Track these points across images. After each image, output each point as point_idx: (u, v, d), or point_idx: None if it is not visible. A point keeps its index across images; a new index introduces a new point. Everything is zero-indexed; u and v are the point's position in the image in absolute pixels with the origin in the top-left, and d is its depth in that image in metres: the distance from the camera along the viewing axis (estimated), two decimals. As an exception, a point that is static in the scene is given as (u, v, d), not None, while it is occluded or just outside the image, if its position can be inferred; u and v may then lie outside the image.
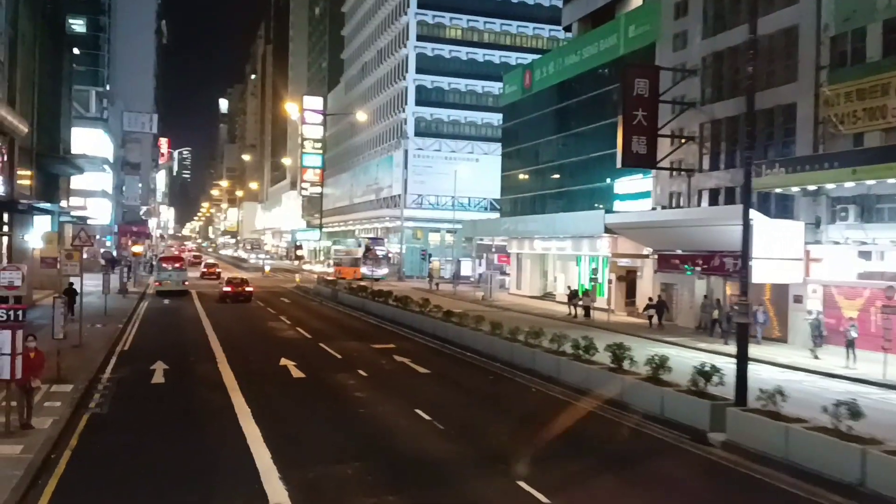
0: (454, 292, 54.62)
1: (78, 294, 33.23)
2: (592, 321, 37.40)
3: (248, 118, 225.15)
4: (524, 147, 55.07)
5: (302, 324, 31.66)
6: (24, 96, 33.21)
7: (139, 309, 36.89)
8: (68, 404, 14.79)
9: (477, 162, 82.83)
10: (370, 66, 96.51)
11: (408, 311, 30.83)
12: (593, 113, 46.48)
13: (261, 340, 26.85)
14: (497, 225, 55.41)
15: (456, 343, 24.84)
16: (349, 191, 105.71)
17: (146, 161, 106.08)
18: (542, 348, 19.52)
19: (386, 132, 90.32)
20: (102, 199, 76.16)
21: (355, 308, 38.25)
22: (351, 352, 23.88)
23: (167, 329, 29.63)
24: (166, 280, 46.91)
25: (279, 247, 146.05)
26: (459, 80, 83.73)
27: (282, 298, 46.40)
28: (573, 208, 47.38)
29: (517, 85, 56.41)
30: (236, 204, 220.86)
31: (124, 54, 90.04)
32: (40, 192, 39.55)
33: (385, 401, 16.72)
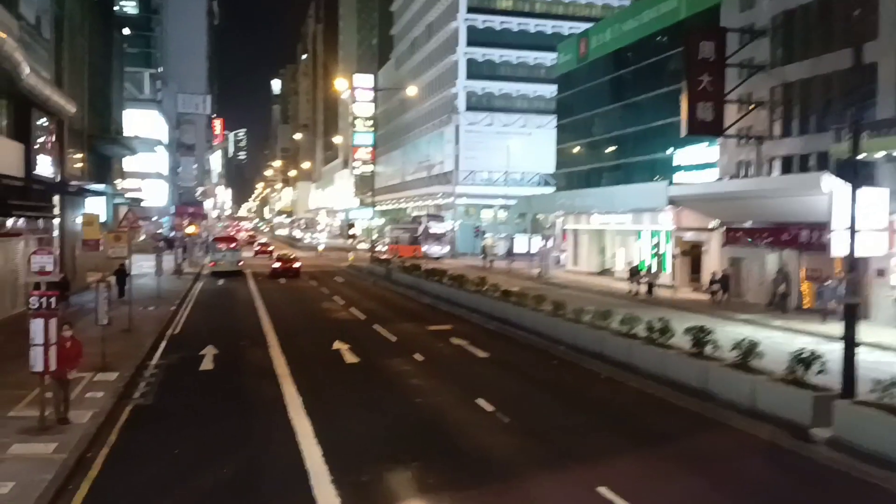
0: (509, 269, 53.25)
1: (128, 275, 33.26)
2: (656, 298, 35.67)
3: (300, 98, 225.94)
4: (579, 118, 53.09)
5: (355, 304, 30.81)
6: (73, 77, 32.89)
7: (193, 290, 36.60)
8: (111, 395, 14.06)
9: (529, 136, 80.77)
10: (420, 40, 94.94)
11: (463, 290, 29.65)
12: (653, 81, 44.31)
13: (313, 322, 26.05)
14: (552, 200, 53.68)
15: (515, 324, 23.57)
16: (401, 168, 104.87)
17: (201, 142, 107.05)
18: (610, 331, 18.08)
19: (436, 108, 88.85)
20: (158, 180, 76.85)
21: (409, 287, 37.27)
22: (406, 334, 22.85)
23: (219, 311, 29.10)
24: (220, 260, 46.71)
25: (332, 226, 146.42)
26: (511, 52, 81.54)
27: (335, 278, 45.76)
28: (631, 181, 45.47)
29: (572, 54, 54.33)
30: (290, 184, 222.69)
31: (176, 36, 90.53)
32: (93, 173, 39.49)
33: (443, 389, 15.61)
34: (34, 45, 25.60)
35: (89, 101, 37.07)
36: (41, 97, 24.35)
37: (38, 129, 25.47)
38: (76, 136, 34.18)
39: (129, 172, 71.03)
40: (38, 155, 25.22)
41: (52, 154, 27.20)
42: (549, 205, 52.99)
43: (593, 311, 19.64)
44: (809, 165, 31.81)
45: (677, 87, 41.59)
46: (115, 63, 44.29)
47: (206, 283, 42.04)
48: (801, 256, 30.79)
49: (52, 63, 28.73)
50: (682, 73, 40.30)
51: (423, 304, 31.42)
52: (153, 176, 75.49)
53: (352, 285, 41.05)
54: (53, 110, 26.73)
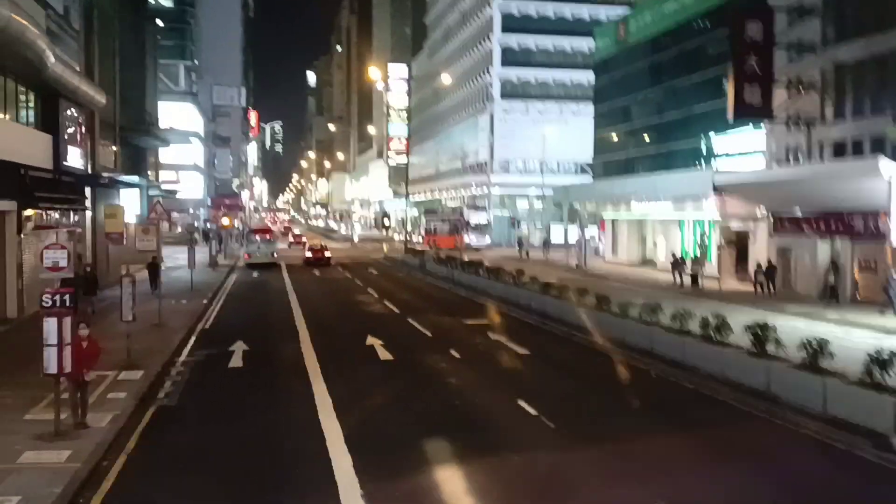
0: (546, 260, 52.10)
1: (161, 269, 32.87)
2: (701, 290, 34.33)
3: (334, 90, 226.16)
4: (618, 105, 51.62)
5: (390, 296, 30.03)
6: (103, 68, 32.52)
7: (226, 283, 36.18)
8: (134, 395, 13.40)
9: (566, 124, 79.19)
10: (454, 28, 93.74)
11: (500, 282, 28.65)
12: (695, 65, 42.79)
13: (347, 316, 25.32)
14: (591, 189, 52.33)
15: (556, 318, 22.52)
16: (434, 159, 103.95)
17: (236, 134, 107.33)
18: (661, 327, 16.96)
19: (471, 96, 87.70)
20: (194, 172, 77.06)
21: (444, 279, 36.40)
22: (441, 328, 21.97)
23: (252, 304, 28.54)
24: (255, 252, 46.37)
25: (367, 216, 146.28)
26: (547, 38, 79.99)
27: (369, 269, 45.10)
28: (671, 169, 44.08)
29: (610, 39, 52.82)
30: (325, 175, 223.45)
31: (211, 28, 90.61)
32: (127, 166, 39.27)
33: (482, 388, 14.69)
34: (62, 36, 25.19)
35: (121, 93, 36.75)
36: (69, 87, 23.91)
37: (67, 121, 25.08)
38: (108, 127, 33.88)
39: (164, 164, 71.34)
40: (68, 146, 24.83)
41: (83, 146, 26.82)
42: (587, 194, 51.58)
43: (640, 304, 18.52)
44: (864, 150, 30.22)
45: (721, 70, 40.07)
46: (149, 55, 44.01)
47: (240, 275, 41.66)
48: (854, 246, 29.25)
49: (82, 54, 28.36)
50: (726, 57, 38.76)
51: (458, 297, 30.52)
52: (189, 168, 75.69)
53: (386, 277, 40.33)
54: (83, 101, 26.32)
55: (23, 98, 22.23)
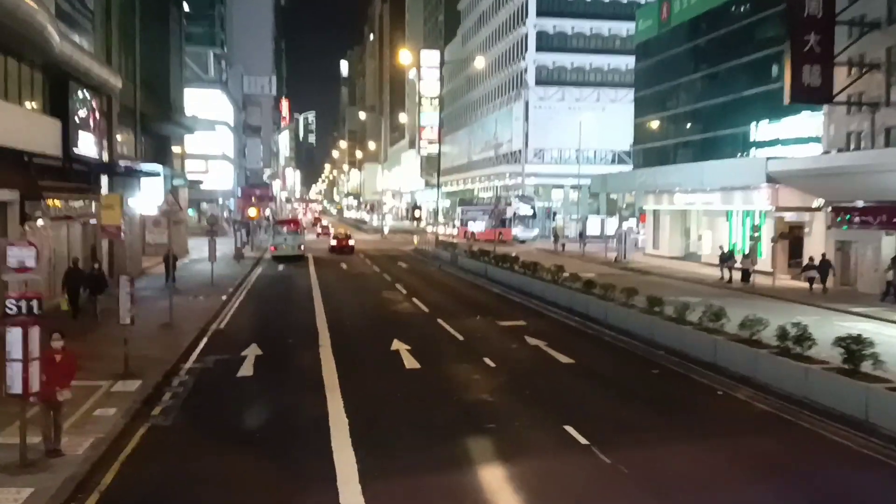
0: (582, 254, 49.93)
1: (177, 260, 31.46)
2: (752, 287, 32.05)
3: (366, 80, 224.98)
4: (660, 90, 49.14)
5: (419, 294, 28.24)
6: (123, 52, 31.16)
7: (249, 277, 34.70)
8: (125, 412, 11.77)
9: (603, 111, 76.65)
10: (487, 13, 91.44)
11: (537, 279, 26.67)
12: (745, 45, 40.24)
13: (372, 315, 23.59)
14: (631, 178, 49.97)
15: (600, 321, 20.52)
16: (467, 148, 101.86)
17: (267, 124, 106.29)
18: (726, 335, 14.88)
19: (505, 83, 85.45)
20: (223, 162, 75.97)
21: (477, 275, 34.50)
22: (474, 331, 20.11)
23: (273, 302, 26.95)
24: (281, 244, 44.91)
25: (399, 207, 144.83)
26: (584, 22, 77.44)
27: (399, 263, 43.39)
28: (717, 157, 41.66)
29: (652, 20, 50.30)
30: (357, 166, 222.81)
31: (242, 16, 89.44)
32: (150, 154, 38.00)
33: (521, 408, 12.77)
34: (74, 16, 23.74)
35: (144, 79, 35.38)
36: (80, 69, 22.42)
37: (78, 105, 23.63)
38: (128, 114, 32.51)
39: (192, 154, 70.29)
40: (79, 132, 23.37)
41: (97, 132, 25.38)
42: (627, 183, 49.38)
43: (699, 307, 16.43)
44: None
45: (771, 52, 37.60)
46: (174, 40, 42.64)
47: (265, 268, 40.24)
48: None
49: (98, 36, 26.92)
50: (777, 37, 36.38)
51: (492, 294, 28.59)
52: (218, 158, 74.60)
53: (416, 271, 38.56)
54: (97, 84, 24.86)
55: (27, 80, 20.78)
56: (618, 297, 20.21)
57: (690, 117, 45.57)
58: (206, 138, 72.48)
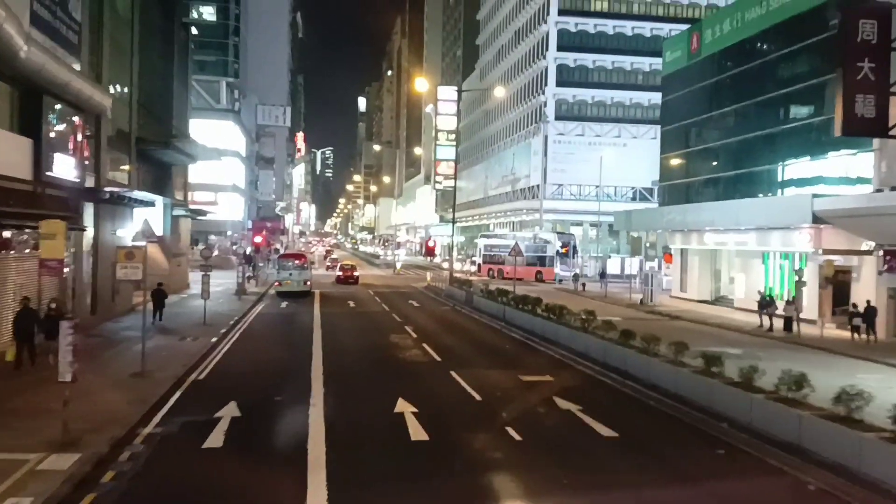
0: (604, 295, 47.04)
1: (166, 296, 28.95)
2: (796, 336, 29.07)
3: (384, 115, 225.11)
4: (689, 123, 46.52)
5: (430, 338, 25.43)
6: (117, 71, 29.02)
7: (248, 316, 32.05)
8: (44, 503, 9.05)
9: (624, 147, 74.42)
10: (507, 48, 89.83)
11: (563, 325, 23.78)
12: (784, 76, 37.64)
13: (377, 364, 20.78)
14: (657, 215, 47.10)
15: (641, 380, 17.56)
16: (483, 183, 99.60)
17: (281, 156, 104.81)
18: (814, 410, 11.87)
19: (523, 118, 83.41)
20: (233, 193, 74.05)
21: (494, 317, 31.63)
22: (493, 389, 17.24)
23: (268, 345, 24.22)
24: (286, 280, 42.36)
25: (413, 242, 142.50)
26: (605, 56, 75.47)
27: (410, 301, 40.64)
28: (750, 194, 38.90)
29: (681, 51, 47.90)
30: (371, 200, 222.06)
31: (258, 47, 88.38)
32: (149, 182, 35.80)
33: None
34: (55, 24, 21.53)
35: (141, 101, 33.32)
36: (56, 83, 20.13)
37: (55, 123, 21.33)
38: (122, 138, 30.33)
39: (200, 185, 68.41)
40: (54, 153, 21.01)
41: (78, 154, 23.04)
42: (653, 221, 46.52)
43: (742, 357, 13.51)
44: None
45: (815, 82, 35.04)
46: (179, 64, 40.71)
47: (267, 305, 37.64)
48: None
49: (86, 51, 24.74)
50: (819, 67, 33.91)
51: (512, 341, 25.71)
52: (228, 189, 72.75)
53: (427, 311, 35.78)
54: (80, 102, 22.59)
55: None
56: (663, 353, 17.29)
57: (722, 153, 42.88)
58: (216, 168, 70.73)
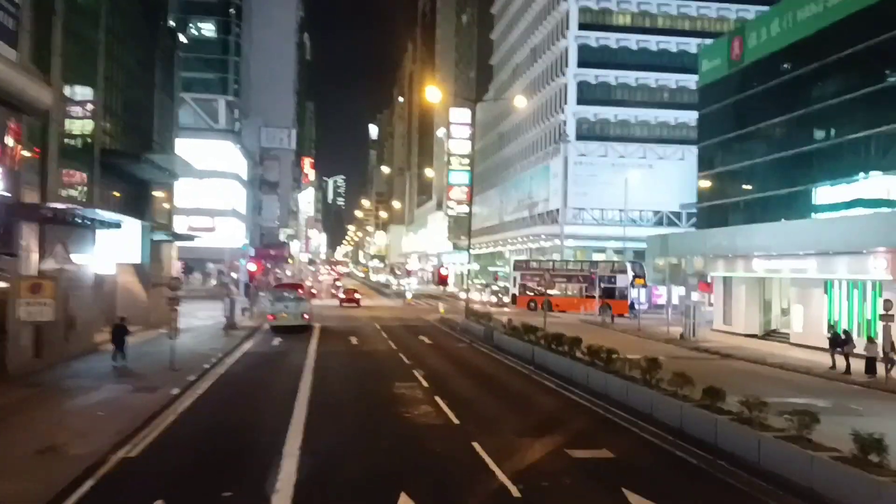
0: (637, 328, 42.03)
1: (128, 333, 24.38)
2: (884, 381, 23.98)
3: (395, 141, 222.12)
4: (731, 138, 41.83)
5: (445, 388, 20.55)
6: (77, 73, 24.69)
7: (230, 357, 27.24)
8: None
9: (650, 168, 69.72)
10: (523, 66, 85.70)
11: (615, 374, 18.78)
12: (847, 79, 33.03)
13: (374, 429, 15.87)
14: (699, 239, 42.11)
15: (745, 462, 12.54)
16: (498, 208, 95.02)
17: (286, 180, 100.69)
18: None
19: (541, 138, 78.96)
20: (232, 218, 69.71)
21: (520, 358, 26.61)
22: (534, 473, 12.29)
23: (241, 399, 19.37)
24: (281, 312, 37.61)
25: (425, 270, 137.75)
26: (629, 72, 71.09)
27: (420, 337, 35.76)
28: (804, 215, 34.15)
29: (720, 58, 43.35)
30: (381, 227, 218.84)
31: (261, 66, 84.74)
32: (122, 201, 31.39)
33: None
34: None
35: (111, 110, 29.02)
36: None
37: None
38: (85, 149, 25.92)
39: (196, 209, 64.21)
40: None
41: (8, 161, 18.54)
42: (694, 245, 41.56)
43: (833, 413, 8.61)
44: None
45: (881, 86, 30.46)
46: (163, 73, 36.53)
47: (257, 342, 32.93)
48: None
49: (28, 39, 20.38)
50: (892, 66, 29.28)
51: (547, 392, 20.67)
52: (227, 213, 68.48)
53: (441, 350, 30.88)
54: (8, 97, 18.15)
55: None
56: (774, 424, 12.32)
57: (771, 169, 38.07)
58: (214, 191, 66.58)
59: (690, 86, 71.85)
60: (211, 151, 64.61)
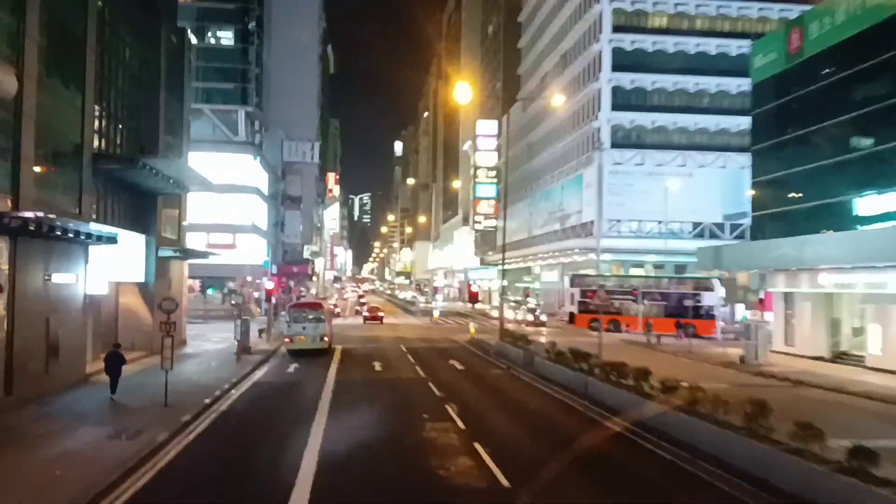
0: (688, 349, 38.11)
1: (124, 362, 21.21)
2: None
3: (420, 156, 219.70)
4: (793, 138, 37.92)
5: (485, 430, 16.97)
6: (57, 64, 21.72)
7: (237, 388, 23.89)
8: None
9: (690, 177, 65.76)
10: (553, 73, 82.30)
11: (698, 416, 15.04)
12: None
13: (398, 488, 12.41)
14: (761, 251, 37.95)
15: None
16: (527, 221, 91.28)
17: (309, 195, 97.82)
18: None
19: (573, 148, 75.35)
20: (253, 234, 66.80)
21: (568, 389, 22.85)
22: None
23: (238, 450, 15.92)
24: (298, 335, 34.35)
25: (451, 287, 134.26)
26: (665, 76, 67.40)
27: (451, 361, 32.19)
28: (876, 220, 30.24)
29: (776, 52, 39.51)
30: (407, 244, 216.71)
31: (283, 77, 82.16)
32: (122, 213, 28.43)
33: None
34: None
35: (107, 110, 26.06)
36: None
37: None
38: (72, 151, 22.88)
39: (215, 225, 61.54)
40: None
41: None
42: (754, 257, 37.58)
43: None
44: None
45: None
46: (169, 75, 33.63)
47: (270, 369, 29.64)
48: None
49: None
50: None
51: (612, 439, 16.73)
52: (247, 229, 65.58)
53: (476, 378, 27.29)
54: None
55: None
56: None
57: (841, 172, 34.13)
58: (233, 207, 63.78)
59: (731, 90, 68.21)
60: (230, 165, 61.86)
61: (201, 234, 58.94)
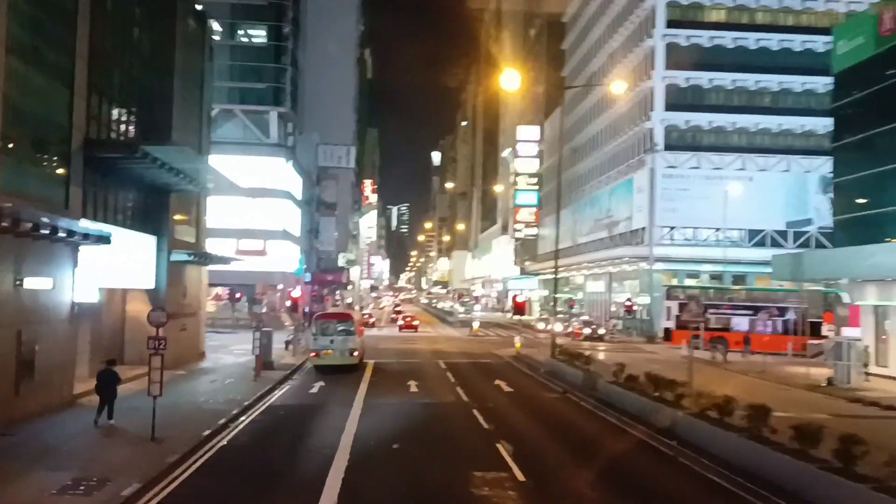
0: (762, 369, 33.62)
1: (119, 381, 17.74)
2: None
3: (458, 165, 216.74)
4: (885, 131, 33.37)
5: (554, 486, 13.08)
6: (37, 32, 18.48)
7: (247, 414, 20.26)
8: None
9: (750, 181, 60.89)
10: (601, 72, 78.02)
11: (851, 478, 10.90)
12: None
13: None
14: (853, 259, 33.12)
15: None
16: (571, 229, 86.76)
17: (345, 202, 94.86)
18: None
19: (623, 151, 70.90)
20: (283, 240, 63.72)
21: (645, 423, 18.46)
22: None
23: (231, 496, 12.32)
24: (325, 349, 30.76)
25: (490, 296, 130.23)
26: (724, 74, 62.60)
27: (496, 382, 28.20)
28: None
29: (864, 36, 34.99)
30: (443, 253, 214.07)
31: (318, 79, 79.30)
32: (131, 213, 25.23)
33: None
34: None
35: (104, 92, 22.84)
36: None
37: None
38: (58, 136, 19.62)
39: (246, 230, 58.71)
40: None
41: None
42: (843, 266, 32.89)
43: None
44: None
45: None
46: (186, 62, 30.56)
47: (291, 389, 26.11)
48: None
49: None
50: None
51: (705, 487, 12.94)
52: (278, 235, 62.52)
53: (527, 403, 23.27)
54: None
55: None
56: None
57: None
58: (264, 212, 60.87)
59: (796, 87, 63.34)
60: (261, 168, 58.99)
61: (231, 239, 56.05)
